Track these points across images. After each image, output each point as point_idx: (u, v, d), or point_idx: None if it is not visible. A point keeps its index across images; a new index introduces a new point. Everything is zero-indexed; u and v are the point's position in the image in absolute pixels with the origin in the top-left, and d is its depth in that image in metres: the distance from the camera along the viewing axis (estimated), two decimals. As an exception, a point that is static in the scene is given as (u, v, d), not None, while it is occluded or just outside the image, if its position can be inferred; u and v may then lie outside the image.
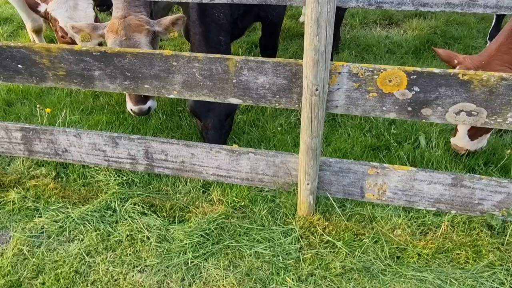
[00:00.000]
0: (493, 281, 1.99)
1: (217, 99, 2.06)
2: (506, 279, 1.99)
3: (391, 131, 2.98)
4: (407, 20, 4.72)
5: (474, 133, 2.50)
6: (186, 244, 2.17)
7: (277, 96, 1.97)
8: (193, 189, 2.52)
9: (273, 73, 1.90)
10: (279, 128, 3.07)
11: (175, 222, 2.33)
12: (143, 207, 2.38)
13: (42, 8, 3.02)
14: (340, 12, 3.95)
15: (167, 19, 2.68)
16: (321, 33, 1.64)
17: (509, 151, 2.67)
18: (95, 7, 3.48)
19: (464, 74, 1.73)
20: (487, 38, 4.32)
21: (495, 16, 4.19)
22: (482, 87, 1.74)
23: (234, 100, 2.04)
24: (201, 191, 2.51)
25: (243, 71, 1.92)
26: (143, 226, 2.28)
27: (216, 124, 2.56)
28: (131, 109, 2.74)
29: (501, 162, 2.60)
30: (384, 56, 4.07)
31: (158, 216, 2.35)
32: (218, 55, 1.92)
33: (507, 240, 2.13)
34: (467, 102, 1.80)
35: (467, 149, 2.57)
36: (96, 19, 2.93)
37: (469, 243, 2.16)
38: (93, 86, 2.17)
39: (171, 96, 2.10)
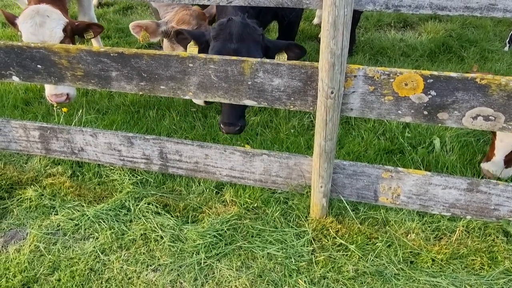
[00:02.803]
0: (509, 287, 1.96)
1: (232, 101, 2.07)
2: (522, 286, 1.96)
3: (405, 135, 2.96)
4: (422, 23, 4.69)
5: (511, 159, 2.37)
6: (199, 244, 2.19)
7: (292, 98, 1.98)
8: (206, 190, 2.53)
9: (288, 76, 1.91)
10: (292, 130, 3.07)
11: (188, 222, 2.34)
12: (157, 207, 2.41)
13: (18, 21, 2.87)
14: (356, 15, 3.93)
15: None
16: (338, 36, 1.64)
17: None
18: None
19: (482, 79, 1.71)
20: (507, 40, 4.25)
21: (513, 20, 4.13)
22: (500, 92, 1.72)
23: (249, 102, 2.05)
24: (214, 191, 2.53)
25: (259, 73, 1.93)
26: (157, 225, 2.30)
27: None
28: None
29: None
30: (398, 59, 4.04)
31: (172, 216, 2.37)
32: (234, 57, 1.93)
33: (524, 247, 2.10)
34: (485, 107, 1.78)
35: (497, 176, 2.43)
36: (66, 41, 2.85)
37: (484, 249, 2.13)
38: (110, 87, 2.20)
39: (187, 97, 2.12)
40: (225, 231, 2.27)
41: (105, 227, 2.31)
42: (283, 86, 1.95)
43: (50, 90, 2.87)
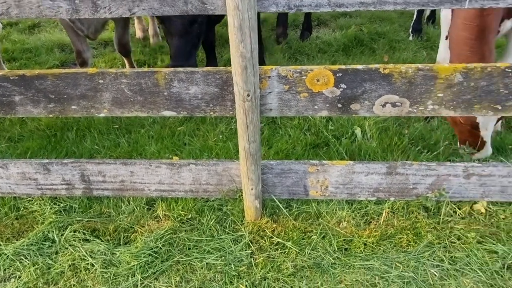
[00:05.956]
0: (433, 259, 2.10)
1: (151, 113, 2.01)
2: (444, 255, 2.11)
3: (328, 128, 3.07)
4: (335, 20, 4.92)
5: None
6: (134, 265, 2.10)
7: (211, 104, 1.97)
8: (137, 208, 2.44)
9: (204, 83, 1.89)
10: (220, 136, 3.07)
11: (120, 245, 2.24)
12: (84, 233, 2.27)
13: None
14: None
15: None
16: (246, 40, 1.66)
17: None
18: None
19: (384, 68, 1.83)
20: (410, 31, 4.60)
21: (416, 11, 4.48)
22: (402, 79, 1.85)
23: (168, 113, 2.01)
24: (146, 208, 2.44)
25: (173, 82, 1.90)
26: (86, 253, 2.17)
27: (180, 29, 2.42)
28: None
29: (437, 150, 2.77)
30: (316, 55, 4.20)
31: (102, 241, 2.24)
32: (146, 69, 1.88)
33: (442, 219, 2.27)
34: (391, 94, 1.89)
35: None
36: None
37: (409, 227, 2.27)
38: (15, 113, 2.04)
39: (102, 115, 2.02)
40: (160, 248, 2.20)
41: (28, 263, 2.13)
42: (200, 93, 1.93)
43: None
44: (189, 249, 2.21)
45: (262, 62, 3.62)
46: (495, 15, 2.25)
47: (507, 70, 1.78)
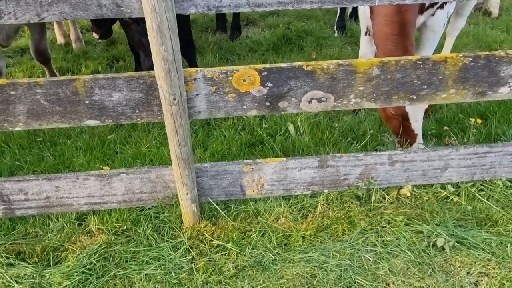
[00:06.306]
0: (367, 245, 2.20)
1: (72, 124, 1.90)
2: (377, 240, 2.22)
3: (262, 126, 3.11)
4: (263, 19, 4.99)
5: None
6: (66, 286, 1.97)
7: (137, 111, 1.90)
8: (66, 224, 2.30)
9: (127, 88, 1.82)
10: (154, 142, 2.98)
11: (50, 265, 2.09)
12: (8, 257, 2.09)
13: None
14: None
15: None
16: (166, 42, 1.62)
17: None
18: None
19: (307, 65, 1.88)
20: (335, 27, 4.78)
21: (339, 8, 4.66)
22: (325, 75, 1.91)
23: (91, 122, 1.91)
24: (76, 224, 2.31)
25: (94, 90, 1.81)
26: (11, 278, 2.01)
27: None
28: None
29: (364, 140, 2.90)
30: (247, 55, 4.23)
31: (29, 263, 2.09)
32: (63, 77, 1.77)
33: (373, 205, 2.38)
34: (316, 90, 1.95)
35: None
36: None
37: (343, 216, 2.36)
38: None
39: (17, 129, 1.88)
40: (95, 264, 2.09)
41: None
42: (125, 99, 1.86)
43: None
44: (126, 261, 2.13)
45: (194, 64, 3.58)
46: (412, 10, 2.41)
47: (417, 62, 1.90)
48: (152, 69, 1.75)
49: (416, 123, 2.64)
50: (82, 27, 5.03)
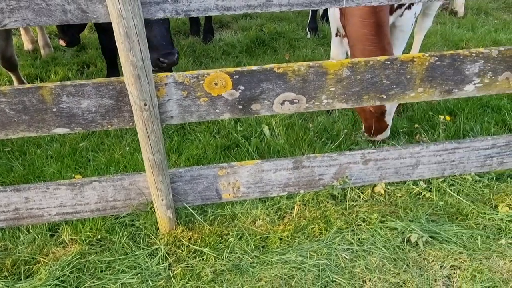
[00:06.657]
0: (343, 243, 2.23)
1: (40, 133, 1.85)
2: (353, 239, 2.25)
3: (237, 129, 3.10)
4: (236, 22, 4.99)
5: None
6: (38, 300, 1.92)
7: (108, 117, 1.87)
8: (38, 236, 2.23)
9: (96, 95, 1.79)
10: (127, 148, 2.93)
11: (21, 279, 2.03)
12: (-24, 274, 2.02)
13: None
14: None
15: None
16: (135, 48, 1.60)
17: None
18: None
19: (278, 68, 1.88)
20: (307, 29, 4.83)
21: (310, 10, 4.71)
22: (296, 77, 1.92)
23: (60, 130, 1.86)
24: (48, 235, 2.24)
25: (62, 98, 1.76)
26: (-20, 295, 1.94)
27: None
28: None
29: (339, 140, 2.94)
30: (220, 58, 4.22)
31: (-1, 278, 2.02)
32: (28, 85, 1.72)
33: (348, 204, 2.41)
34: (288, 92, 1.96)
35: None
36: None
37: (320, 216, 2.38)
38: None
39: (-18, 139, 1.81)
40: (68, 275, 2.04)
41: None
42: (94, 106, 1.82)
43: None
44: (101, 271, 2.08)
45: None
46: (385, 10, 2.45)
47: (386, 62, 1.94)
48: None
49: (390, 116, 2.72)
50: (50, 33, 4.91)
